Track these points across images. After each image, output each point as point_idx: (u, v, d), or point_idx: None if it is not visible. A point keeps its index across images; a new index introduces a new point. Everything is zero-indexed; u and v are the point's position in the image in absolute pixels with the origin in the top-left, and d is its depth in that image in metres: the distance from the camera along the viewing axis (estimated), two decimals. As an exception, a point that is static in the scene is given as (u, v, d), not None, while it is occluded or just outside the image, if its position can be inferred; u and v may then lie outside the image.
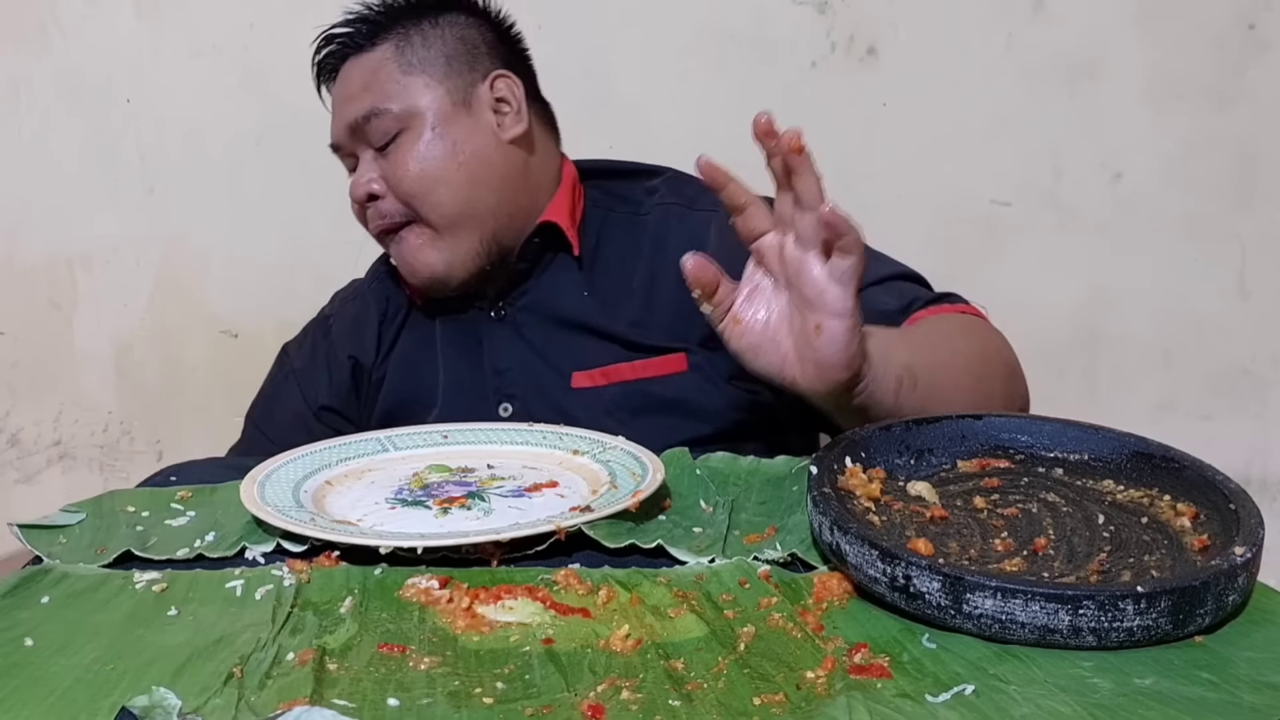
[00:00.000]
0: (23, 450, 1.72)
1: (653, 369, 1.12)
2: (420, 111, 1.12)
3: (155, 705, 0.59)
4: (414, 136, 1.12)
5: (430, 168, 1.11)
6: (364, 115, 1.12)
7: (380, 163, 1.13)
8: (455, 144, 1.12)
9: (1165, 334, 1.70)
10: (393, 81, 1.13)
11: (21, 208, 1.64)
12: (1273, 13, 1.62)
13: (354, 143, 1.14)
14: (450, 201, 1.12)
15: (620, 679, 0.62)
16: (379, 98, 1.12)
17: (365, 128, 1.12)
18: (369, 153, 1.13)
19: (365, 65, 1.14)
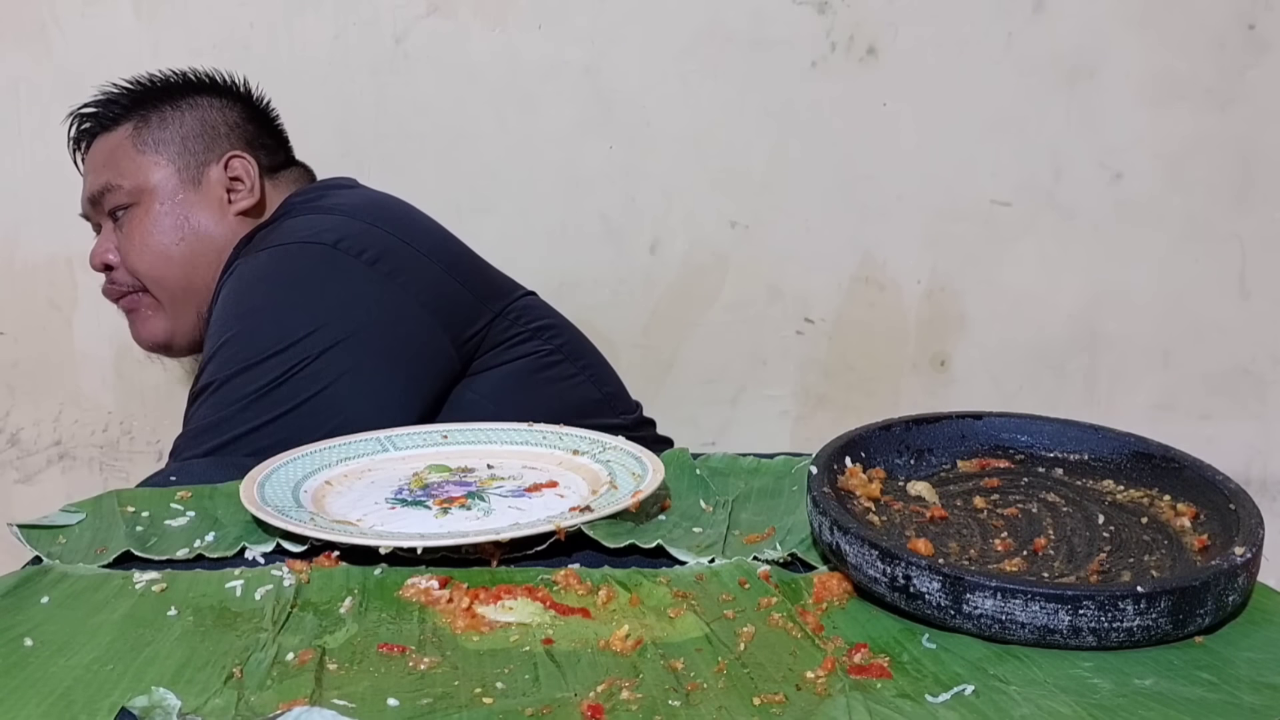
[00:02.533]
0: (23, 450, 1.72)
1: None
2: (150, 188, 1.23)
3: (155, 705, 0.59)
4: (142, 212, 1.22)
5: (154, 242, 1.22)
6: (100, 189, 1.23)
7: (115, 236, 1.24)
8: (180, 220, 1.22)
9: (1165, 334, 1.70)
10: (128, 159, 1.24)
11: (21, 208, 1.64)
12: (1273, 13, 1.61)
13: (96, 214, 1.26)
14: (172, 276, 1.22)
15: (620, 679, 0.62)
16: (114, 174, 1.23)
17: (101, 201, 1.23)
18: (109, 224, 1.25)
19: (106, 143, 1.26)
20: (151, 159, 1.24)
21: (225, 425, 1.03)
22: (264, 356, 1.03)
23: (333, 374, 1.03)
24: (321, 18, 1.59)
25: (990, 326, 1.69)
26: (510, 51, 1.60)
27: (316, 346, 1.04)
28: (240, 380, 1.04)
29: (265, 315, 1.07)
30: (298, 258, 1.10)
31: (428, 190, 1.60)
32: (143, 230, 1.22)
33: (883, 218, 1.64)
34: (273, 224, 1.20)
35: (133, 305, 1.25)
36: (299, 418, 1.02)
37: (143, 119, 1.26)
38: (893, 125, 1.63)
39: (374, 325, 1.08)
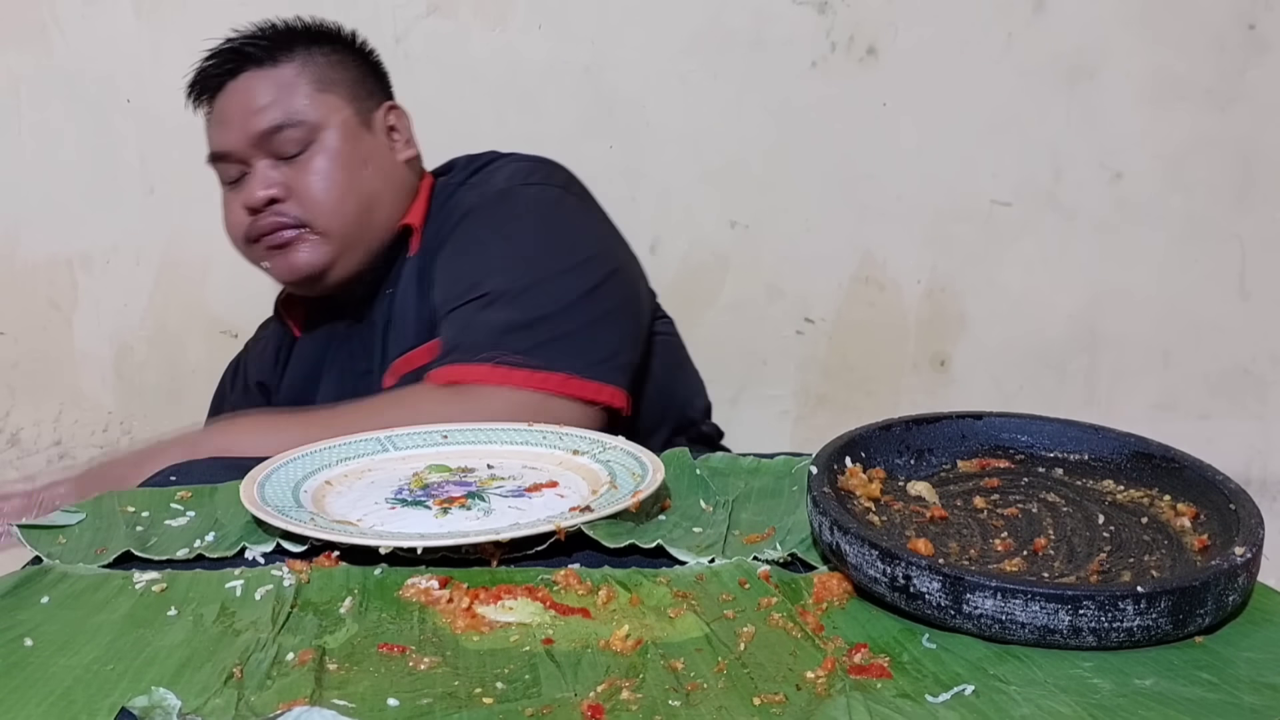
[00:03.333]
0: (23, 450, 1.72)
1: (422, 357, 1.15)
2: (332, 127, 1.20)
3: (155, 705, 0.59)
4: (325, 149, 1.19)
5: (340, 179, 1.19)
6: (275, 125, 1.18)
7: (282, 171, 1.19)
8: (362, 161, 1.21)
9: (1165, 334, 1.70)
10: (305, 97, 1.20)
11: (21, 208, 1.64)
12: (1273, 13, 1.61)
13: (252, 151, 1.19)
14: (351, 213, 1.19)
15: (620, 679, 0.62)
16: (290, 111, 1.19)
17: (275, 138, 1.18)
18: (265, 162, 1.19)
19: (271, 79, 1.20)
20: (331, 99, 1.21)
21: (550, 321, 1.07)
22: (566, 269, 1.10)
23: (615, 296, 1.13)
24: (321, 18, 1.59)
25: (990, 326, 1.69)
26: (510, 51, 1.60)
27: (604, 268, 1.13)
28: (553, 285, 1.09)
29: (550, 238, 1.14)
30: (554, 197, 1.19)
31: (428, 190, 1.60)
32: (328, 167, 1.19)
33: (883, 218, 1.64)
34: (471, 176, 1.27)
35: (291, 239, 1.19)
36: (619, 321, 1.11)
37: (309, 57, 1.22)
38: (893, 125, 1.63)
39: (626, 265, 1.19)
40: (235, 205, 1.21)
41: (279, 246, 1.19)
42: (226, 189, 1.23)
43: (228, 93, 1.21)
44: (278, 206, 1.18)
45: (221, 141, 1.21)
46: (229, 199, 1.23)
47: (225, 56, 1.23)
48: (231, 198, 1.22)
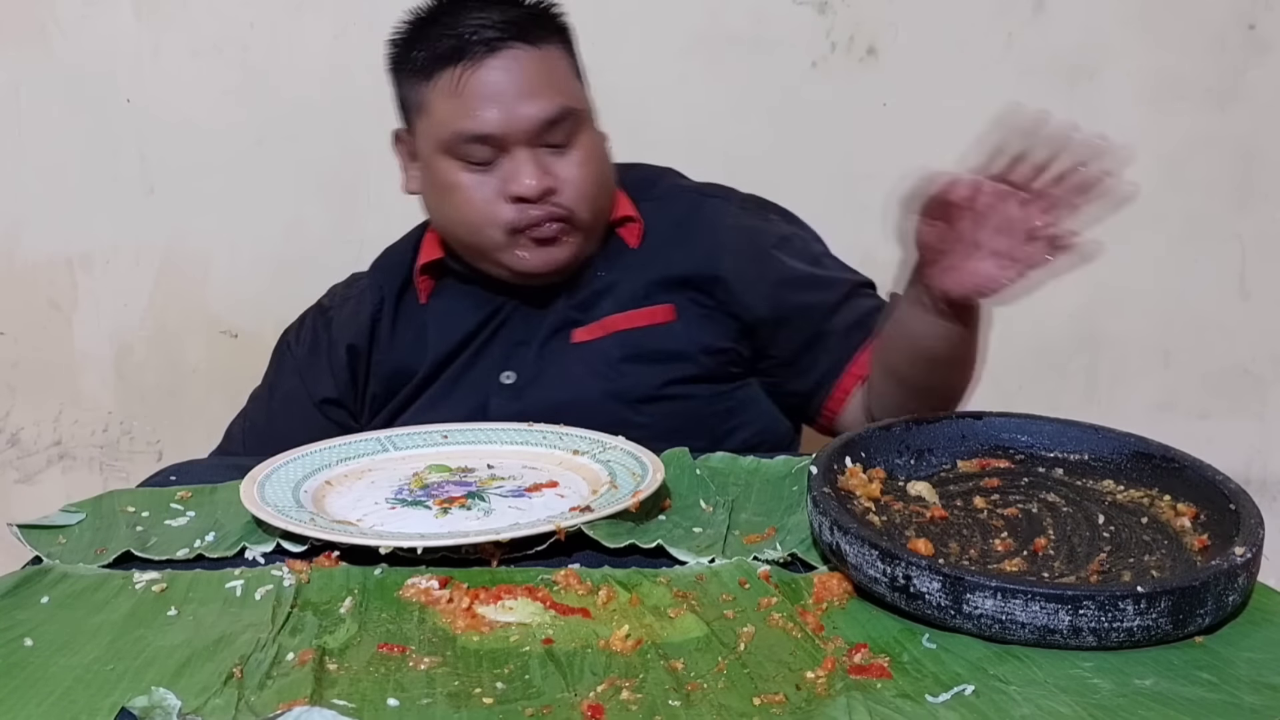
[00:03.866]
0: (23, 450, 1.71)
1: (644, 319, 1.16)
2: (589, 118, 1.16)
3: (155, 705, 0.59)
4: (587, 141, 1.14)
5: (601, 170, 1.15)
6: (559, 113, 1.10)
7: (547, 161, 1.12)
8: (605, 153, 1.18)
9: (1165, 334, 1.70)
10: (572, 84, 1.14)
11: (21, 208, 1.64)
12: (1273, 13, 1.61)
13: (519, 136, 1.10)
14: (603, 205, 1.17)
15: (620, 679, 0.62)
16: (569, 98, 1.12)
17: (555, 126, 1.11)
18: (527, 149, 1.10)
19: (540, 61, 1.11)
20: (581, 88, 1.16)
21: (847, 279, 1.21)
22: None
23: None
24: (321, 18, 1.59)
25: (990, 326, 1.69)
26: (510, 51, 1.60)
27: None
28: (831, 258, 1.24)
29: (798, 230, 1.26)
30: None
31: (428, 190, 1.60)
32: (591, 162, 1.14)
33: (883, 218, 1.64)
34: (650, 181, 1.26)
35: (557, 233, 1.13)
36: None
37: (562, 40, 1.16)
38: (893, 125, 1.63)
39: None
40: (490, 192, 1.11)
41: (544, 240, 1.12)
42: (467, 171, 1.11)
43: (488, 68, 1.09)
44: (551, 198, 1.11)
45: (484, 123, 1.09)
46: (474, 183, 1.11)
47: (484, 26, 1.10)
48: (481, 183, 1.11)
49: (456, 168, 1.12)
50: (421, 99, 1.13)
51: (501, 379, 1.16)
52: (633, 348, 1.15)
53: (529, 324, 1.18)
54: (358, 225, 1.64)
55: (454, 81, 1.10)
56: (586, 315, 1.17)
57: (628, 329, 1.16)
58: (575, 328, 1.17)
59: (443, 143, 1.11)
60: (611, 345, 1.15)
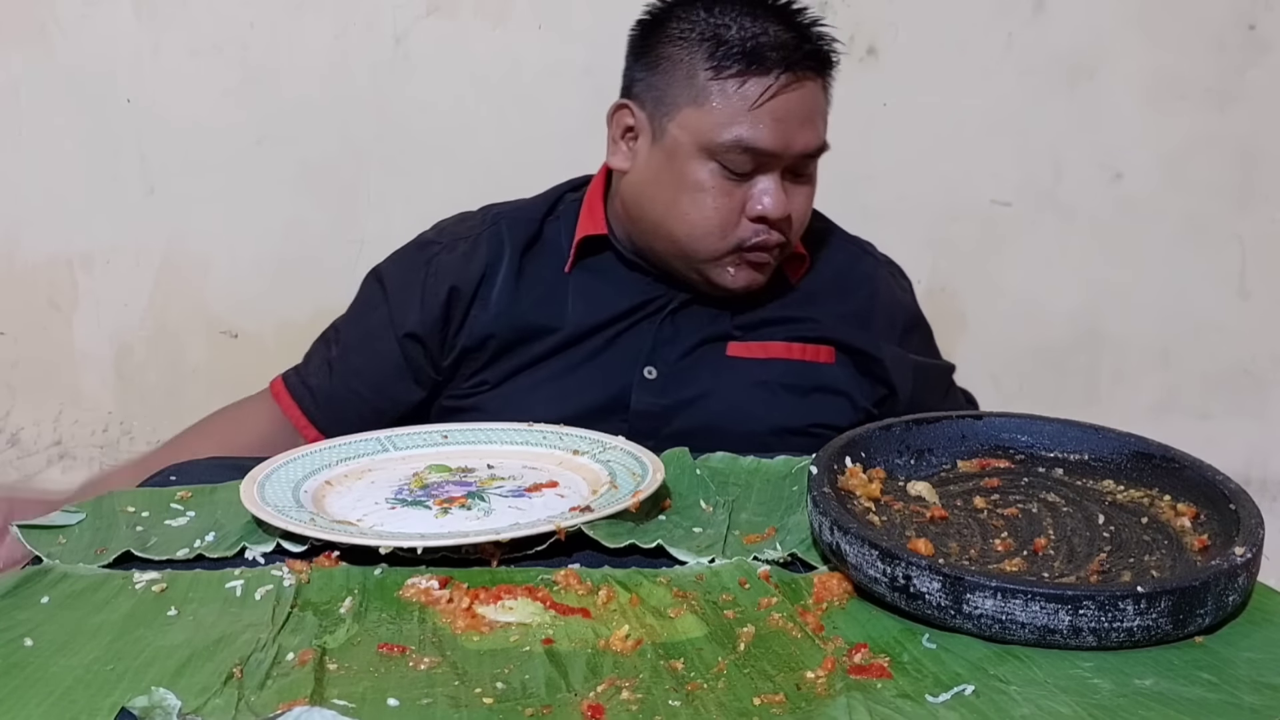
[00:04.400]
0: (23, 450, 1.72)
1: (808, 354, 1.18)
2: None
3: (155, 705, 0.59)
4: (813, 180, 1.15)
5: (810, 210, 1.17)
6: (820, 149, 1.12)
7: (790, 189, 1.12)
8: None
9: (1165, 334, 1.70)
10: (825, 122, 1.14)
11: (21, 208, 1.64)
12: (1273, 13, 1.61)
13: (788, 164, 1.10)
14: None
15: (620, 679, 0.62)
16: (823, 134, 1.13)
17: (810, 160, 1.12)
18: (778, 175, 1.10)
19: (823, 94, 1.13)
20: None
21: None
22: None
23: None
24: (321, 18, 1.59)
25: (990, 326, 1.69)
26: (510, 51, 1.60)
27: None
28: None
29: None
30: None
31: (428, 190, 1.60)
32: (812, 195, 1.16)
33: (883, 218, 1.64)
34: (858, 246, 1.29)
35: (770, 259, 1.14)
36: None
37: (827, 81, 1.14)
38: (893, 125, 1.63)
39: None
40: (734, 204, 1.10)
41: (757, 264, 1.13)
42: (719, 175, 1.09)
43: (788, 89, 1.07)
44: (781, 224, 1.11)
45: (768, 141, 1.07)
46: (723, 190, 1.10)
47: (816, 49, 1.10)
48: (729, 192, 1.10)
49: (712, 170, 1.10)
50: (700, 91, 1.09)
51: (645, 373, 1.15)
52: (792, 377, 1.16)
53: (677, 326, 1.17)
54: (358, 225, 1.64)
55: (747, 88, 1.07)
56: (747, 334, 1.17)
57: (787, 358, 1.16)
58: (731, 341, 1.17)
59: (712, 144, 1.09)
60: (770, 369, 1.16)
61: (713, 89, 1.08)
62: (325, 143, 1.62)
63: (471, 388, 1.18)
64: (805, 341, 1.17)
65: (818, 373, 1.17)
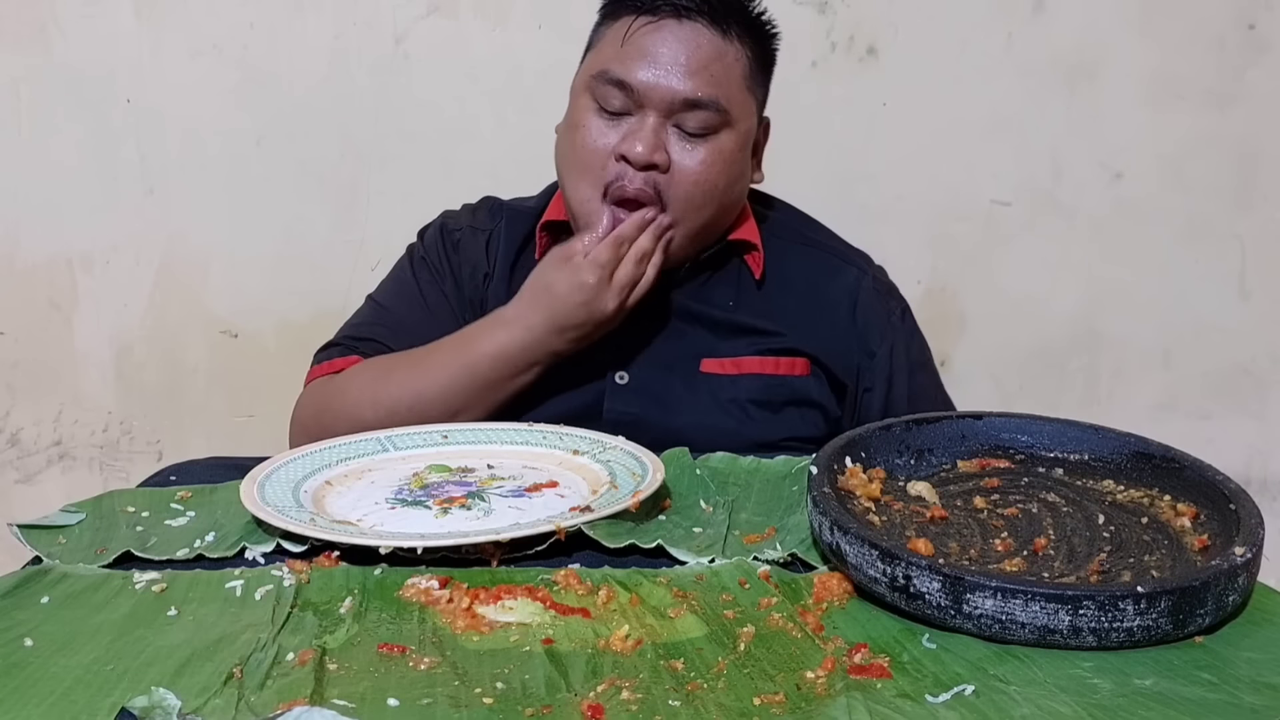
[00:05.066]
0: (23, 450, 1.72)
1: (782, 368, 1.16)
2: (739, 130, 1.12)
3: (155, 705, 0.59)
4: (719, 149, 1.10)
5: (717, 178, 1.11)
6: (702, 99, 1.08)
7: (669, 140, 1.09)
8: (739, 173, 1.14)
9: (1165, 334, 1.70)
10: (736, 86, 1.11)
11: (21, 208, 1.64)
12: (1273, 13, 1.61)
13: (657, 104, 1.08)
14: (704, 216, 1.13)
15: (620, 679, 0.62)
16: (722, 93, 1.09)
17: (691, 110, 1.09)
18: (658, 120, 1.08)
19: (717, 48, 1.09)
20: (749, 101, 1.13)
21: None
22: None
23: None
24: (321, 18, 1.59)
25: (990, 326, 1.69)
26: (510, 51, 1.60)
27: None
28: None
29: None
30: None
31: (428, 190, 1.60)
32: (714, 168, 1.10)
33: (883, 218, 1.64)
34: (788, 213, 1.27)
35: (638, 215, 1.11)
36: None
37: (754, 47, 1.12)
38: (893, 125, 1.63)
39: None
40: (604, 142, 1.10)
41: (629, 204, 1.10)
42: (593, 111, 1.11)
43: (666, 28, 1.08)
44: (651, 175, 1.09)
45: (633, 73, 1.08)
46: (596, 128, 1.10)
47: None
48: (603, 131, 1.10)
49: (590, 108, 1.11)
50: (598, 38, 1.14)
51: (616, 378, 1.14)
52: (766, 393, 1.15)
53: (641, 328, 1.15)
54: (358, 225, 1.64)
55: (628, 27, 1.09)
56: (719, 347, 1.16)
57: (760, 373, 1.16)
58: (704, 357, 1.16)
59: (590, 79, 1.11)
60: (742, 387, 1.15)
61: (603, 32, 1.13)
62: (325, 143, 1.62)
63: None
64: (779, 354, 1.16)
65: (791, 386, 1.16)
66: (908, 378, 1.21)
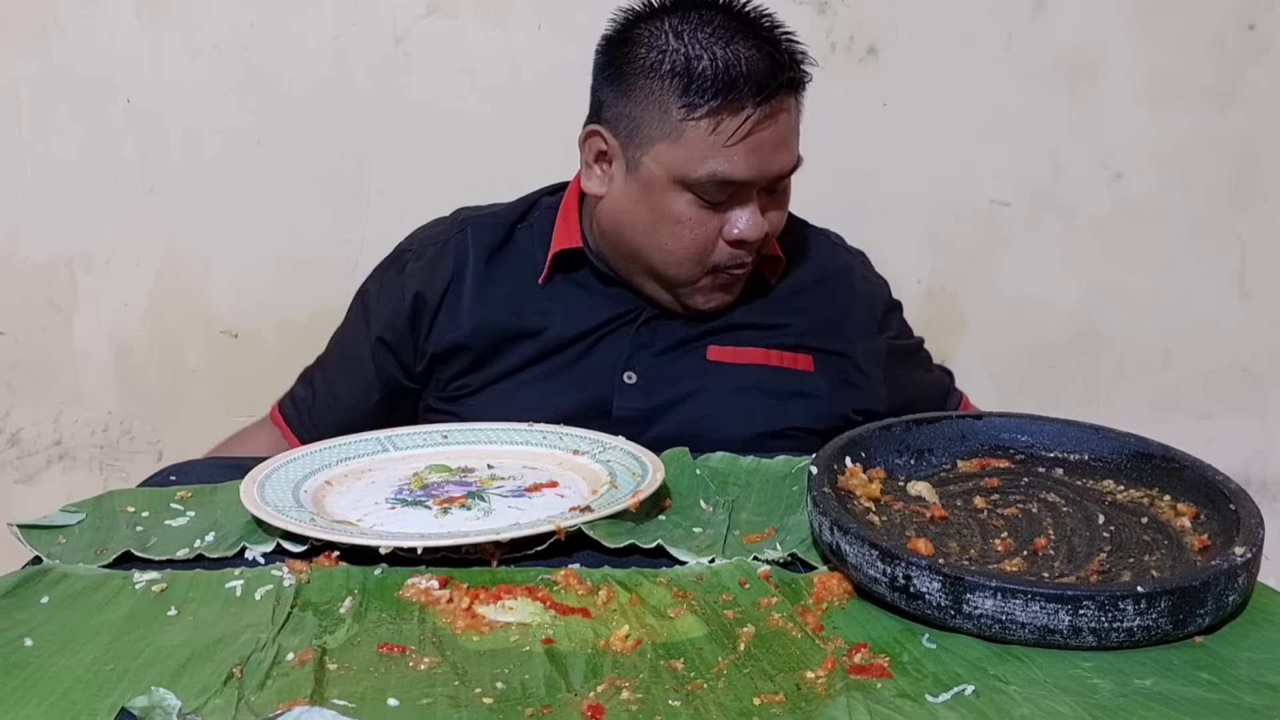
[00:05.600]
0: (23, 450, 1.72)
1: (787, 361, 1.17)
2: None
3: (155, 705, 0.59)
4: (787, 190, 1.14)
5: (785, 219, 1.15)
6: (794, 167, 1.11)
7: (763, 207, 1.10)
8: None
9: (1165, 334, 1.70)
10: (798, 137, 1.12)
11: (21, 208, 1.64)
12: (1273, 13, 1.61)
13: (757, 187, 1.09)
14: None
15: (620, 679, 0.62)
16: (797, 150, 1.12)
17: (789, 173, 1.11)
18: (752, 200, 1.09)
19: (797, 112, 1.11)
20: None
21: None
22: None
23: None
24: (321, 18, 1.59)
25: (990, 326, 1.69)
26: (510, 51, 1.60)
27: None
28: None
29: None
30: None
31: (428, 190, 1.60)
32: (787, 200, 1.14)
33: (883, 218, 1.64)
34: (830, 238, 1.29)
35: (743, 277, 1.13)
36: None
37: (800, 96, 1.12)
38: (893, 125, 1.63)
39: None
40: (711, 230, 1.09)
41: (730, 284, 1.13)
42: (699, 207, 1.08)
43: (759, 118, 1.05)
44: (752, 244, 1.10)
45: (743, 172, 1.06)
46: (700, 220, 1.08)
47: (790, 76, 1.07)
48: (706, 220, 1.08)
49: (688, 201, 1.08)
50: (673, 128, 1.06)
51: (624, 379, 1.15)
52: (772, 382, 1.16)
53: (654, 331, 1.17)
54: (358, 225, 1.64)
55: (722, 124, 1.05)
56: (725, 337, 1.17)
57: (766, 365, 1.16)
58: (711, 345, 1.17)
59: (687, 178, 1.06)
60: (750, 375, 1.16)
61: (687, 127, 1.06)
62: (325, 143, 1.62)
63: (452, 393, 1.19)
64: (784, 349, 1.17)
65: (797, 380, 1.17)
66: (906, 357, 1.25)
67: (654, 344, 1.16)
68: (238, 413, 1.55)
